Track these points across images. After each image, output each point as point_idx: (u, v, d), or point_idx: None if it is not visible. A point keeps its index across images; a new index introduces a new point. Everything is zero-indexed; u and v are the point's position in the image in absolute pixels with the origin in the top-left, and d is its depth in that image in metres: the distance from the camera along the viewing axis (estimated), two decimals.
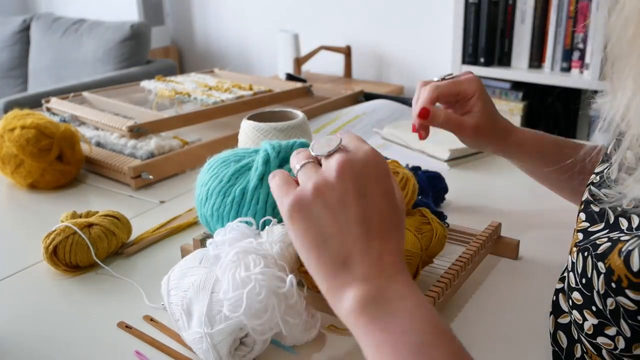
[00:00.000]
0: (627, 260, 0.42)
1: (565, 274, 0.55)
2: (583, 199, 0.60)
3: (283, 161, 0.72)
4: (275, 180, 0.48)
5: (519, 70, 2.24)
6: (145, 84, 1.49)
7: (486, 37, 2.23)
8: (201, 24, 3.43)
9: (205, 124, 1.30)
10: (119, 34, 2.80)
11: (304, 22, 3.00)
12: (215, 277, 0.58)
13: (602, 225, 0.52)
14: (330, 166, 0.45)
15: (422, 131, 0.77)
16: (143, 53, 2.87)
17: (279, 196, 0.47)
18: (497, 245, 0.77)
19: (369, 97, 1.50)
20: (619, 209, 0.50)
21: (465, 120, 0.76)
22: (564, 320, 0.54)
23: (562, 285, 0.56)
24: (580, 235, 0.53)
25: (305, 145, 0.76)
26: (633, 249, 0.42)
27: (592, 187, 0.56)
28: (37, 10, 3.82)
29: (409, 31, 2.71)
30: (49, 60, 3.02)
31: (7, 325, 0.67)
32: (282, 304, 0.56)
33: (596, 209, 0.55)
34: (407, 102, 1.46)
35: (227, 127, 1.30)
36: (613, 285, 0.44)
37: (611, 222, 0.51)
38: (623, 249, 0.43)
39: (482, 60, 2.27)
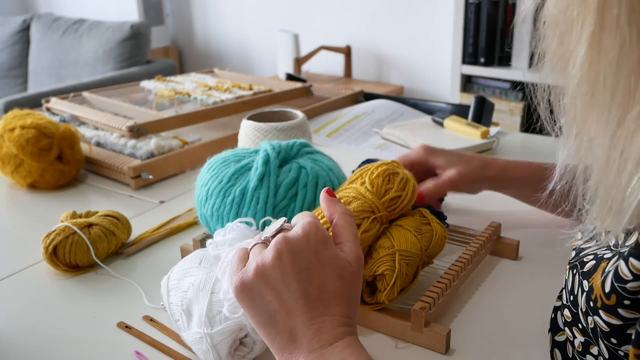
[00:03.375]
0: (603, 282, 0.43)
1: (563, 292, 0.56)
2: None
3: (283, 161, 0.72)
4: (234, 257, 0.52)
5: (519, 70, 2.24)
6: (145, 84, 1.49)
7: (486, 37, 2.23)
8: (201, 24, 3.43)
9: (205, 124, 1.30)
10: (119, 34, 2.80)
11: (304, 22, 3.00)
12: (215, 277, 0.58)
13: (593, 242, 0.52)
14: (270, 247, 0.48)
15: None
16: (143, 53, 2.87)
17: (231, 274, 0.50)
18: (497, 245, 0.77)
19: (369, 97, 1.50)
20: None
21: (449, 176, 0.80)
22: (560, 338, 0.55)
23: (560, 302, 0.57)
24: (573, 253, 0.53)
25: (305, 146, 0.76)
26: (610, 271, 0.42)
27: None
28: (37, 10, 3.82)
29: (409, 31, 2.71)
30: (49, 60, 3.02)
31: (6, 325, 0.67)
32: None
33: (592, 228, 0.55)
34: (407, 102, 1.46)
35: (227, 127, 1.30)
36: (591, 304, 0.44)
37: (601, 238, 0.52)
38: (606, 270, 0.43)
39: (482, 60, 2.27)
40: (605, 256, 0.45)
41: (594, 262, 0.46)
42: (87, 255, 0.77)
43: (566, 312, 0.50)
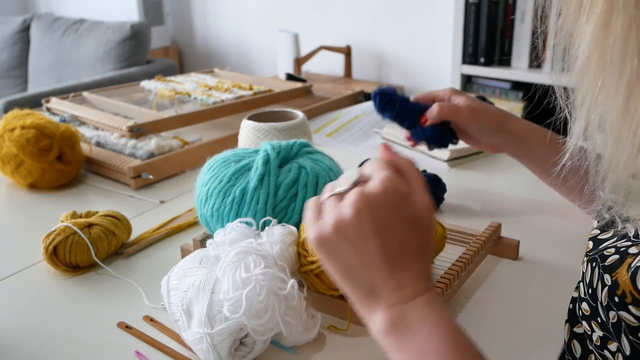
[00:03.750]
0: (634, 277, 0.42)
1: (580, 284, 0.55)
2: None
3: (283, 161, 0.72)
4: (309, 207, 0.51)
5: (519, 70, 2.24)
6: (145, 84, 1.49)
7: (486, 37, 2.23)
8: (201, 24, 3.43)
9: (205, 124, 1.30)
10: (119, 34, 2.80)
11: (304, 22, 3.00)
12: (215, 277, 0.58)
13: (611, 232, 0.52)
14: (346, 203, 0.46)
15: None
16: (143, 53, 2.87)
17: (307, 225, 0.49)
18: (497, 245, 0.77)
19: (369, 97, 1.50)
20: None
21: (457, 103, 0.79)
22: (579, 330, 0.54)
23: (577, 293, 0.56)
24: (591, 244, 0.53)
25: (305, 146, 0.76)
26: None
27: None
28: (37, 10, 3.82)
29: (409, 31, 2.71)
30: (49, 60, 3.02)
31: (7, 325, 0.67)
32: (282, 305, 0.56)
33: (607, 215, 0.55)
34: None
35: (227, 127, 1.30)
36: (616, 299, 0.44)
37: (619, 227, 0.51)
38: (632, 265, 0.43)
39: (482, 60, 2.27)
40: (630, 251, 0.45)
41: (617, 256, 0.46)
42: (87, 255, 0.77)
43: (584, 305, 0.50)
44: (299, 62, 2.76)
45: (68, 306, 0.72)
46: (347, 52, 2.84)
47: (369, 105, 1.41)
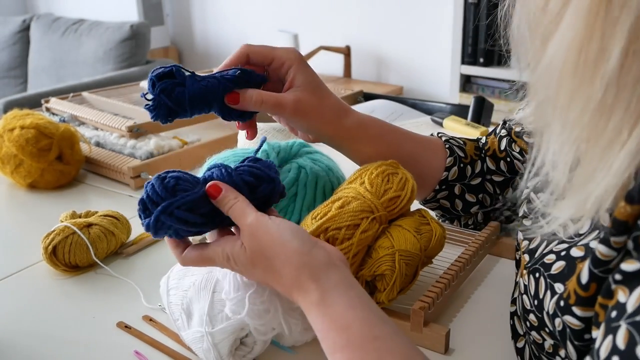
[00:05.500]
0: (578, 276, 0.42)
1: (517, 297, 0.55)
2: (520, 215, 0.59)
3: (282, 161, 0.72)
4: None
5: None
6: (145, 84, 1.49)
7: (486, 37, 2.23)
8: (201, 24, 3.43)
9: (205, 124, 1.30)
10: (119, 34, 2.80)
11: (304, 22, 3.00)
12: (216, 277, 0.58)
13: (539, 239, 0.52)
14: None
15: (248, 129, 0.69)
16: (143, 53, 2.87)
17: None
18: (497, 245, 0.78)
19: (368, 97, 1.50)
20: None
21: (283, 95, 0.65)
22: (520, 344, 0.55)
23: (515, 307, 0.56)
24: (527, 257, 0.52)
25: (305, 146, 0.76)
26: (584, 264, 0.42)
27: (532, 192, 0.55)
28: (37, 10, 3.82)
29: (409, 31, 2.71)
30: (49, 60, 3.02)
31: (6, 325, 0.67)
32: (284, 305, 0.56)
33: (527, 223, 0.55)
34: (406, 102, 1.46)
35: (227, 127, 1.30)
36: (562, 303, 0.44)
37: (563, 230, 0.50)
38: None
39: (481, 60, 2.27)
40: (573, 254, 0.45)
41: (562, 262, 0.45)
42: (86, 255, 0.77)
43: (531, 317, 0.49)
44: None
45: (67, 306, 0.72)
46: (346, 52, 2.84)
47: (369, 105, 1.41)
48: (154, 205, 0.51)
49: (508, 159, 0.74)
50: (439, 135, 0.78)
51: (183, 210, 0.51)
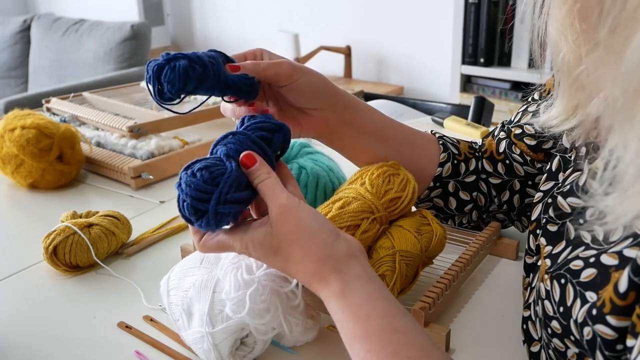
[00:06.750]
0: (616, 284, 0.41)
1: (532, 302, 0.55)
2: (533, 219, 0.58)
3: (283, 161, 0.72)
4: None
5: (519, 70, 2.24)
6: (145, 84, 1.49)
7: (486, 37, 2.23)
8: (201, 24, 3.43)
9: (205, 124, 1.30)
10: (119, 34, 2.80)
11: (304, 22, 3.00)
12: (216, 277, 0.58)
13: (563, 244, 0.51)
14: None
15: (252, 109, 0.62)
16: (143, 53, 2.87)
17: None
18: (497, 245, 0.77)
19: (368, 97, 1.50)
20: (581, 220, 0.49)
21: (279, 61, 0.64)
22: (535, 348, 0.54)
23: (529, 313, 0.56)
24: (549, 262, 0.52)
25: (305, 146, 0.76)
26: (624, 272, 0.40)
27: (559, 197, 0.55)
28: (38, 10, 3.82)
29: (409, 31, 2.71)
30: (50, 61, 3.02)
31: (7, 325, 0.67)
32: (284, 304, 0.56)
33: (552, 228, 0.54)
34: (406, 102, 1.46)
35: (227, 127, 1.30)
36: (594, 311, 0.42)
37: (572, 237, 0.50)
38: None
39: (482, 60, 2.27)
40: (604, 261, 0.43)
41: (593, 270, 0.44)
42: (87, 255, 0.77)
43: (554, 323, 0.48)
44: (299, 62, 2.76)
45: (68, 306, 0.72)
46: (347, 52, 2.84)
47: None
48: (204, 203, 0.50)
49: (507, 162, 0.73)
50: (433, 132, 0.77)
51: (233, 193, 0.51)
